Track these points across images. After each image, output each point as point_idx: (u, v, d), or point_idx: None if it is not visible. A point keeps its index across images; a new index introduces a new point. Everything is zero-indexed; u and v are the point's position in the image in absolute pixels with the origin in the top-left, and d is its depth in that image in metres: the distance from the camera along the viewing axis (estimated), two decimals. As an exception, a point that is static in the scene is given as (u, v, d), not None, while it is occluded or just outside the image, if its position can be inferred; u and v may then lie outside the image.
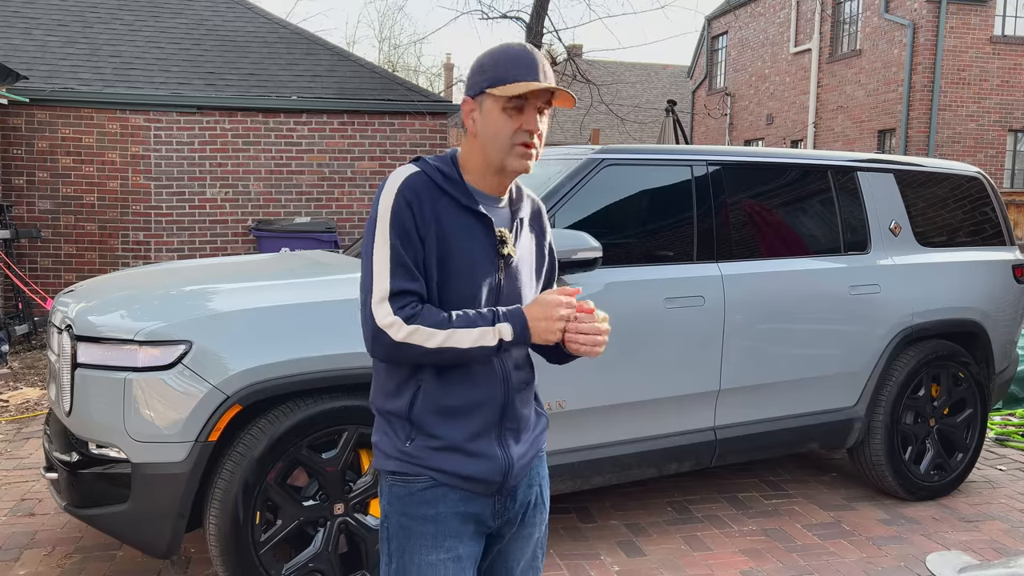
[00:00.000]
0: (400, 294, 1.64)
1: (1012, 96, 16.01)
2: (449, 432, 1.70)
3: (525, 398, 1.81)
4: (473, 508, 1.74)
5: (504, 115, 1.65)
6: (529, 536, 1.87)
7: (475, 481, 1.71)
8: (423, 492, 1.71)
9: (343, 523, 3.06)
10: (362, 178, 9.88)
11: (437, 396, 1.69)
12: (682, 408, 3.68)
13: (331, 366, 2.96)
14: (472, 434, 1.71)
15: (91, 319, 2.99)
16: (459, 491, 1.72)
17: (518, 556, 1.86)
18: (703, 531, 3.94)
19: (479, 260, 1.70)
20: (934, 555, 3.69)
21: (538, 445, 1.86)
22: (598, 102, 12.45)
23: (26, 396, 6.27)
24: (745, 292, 3.77)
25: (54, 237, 9.11)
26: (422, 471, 1.71)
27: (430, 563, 1.70)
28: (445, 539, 1.71)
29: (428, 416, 1.70)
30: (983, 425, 4.53)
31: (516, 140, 1.66)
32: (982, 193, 4.75)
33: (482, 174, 1.73)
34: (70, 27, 10.31)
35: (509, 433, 1.76)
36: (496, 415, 1.73)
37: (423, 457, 1.70)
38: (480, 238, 1.70)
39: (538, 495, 1.88)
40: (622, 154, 3.67)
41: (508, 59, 1.66)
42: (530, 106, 1.66)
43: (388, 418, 1.75)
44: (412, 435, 1.71)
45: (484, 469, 1.71)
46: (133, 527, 2.89)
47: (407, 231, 1.65)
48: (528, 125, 1.65)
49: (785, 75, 20.20)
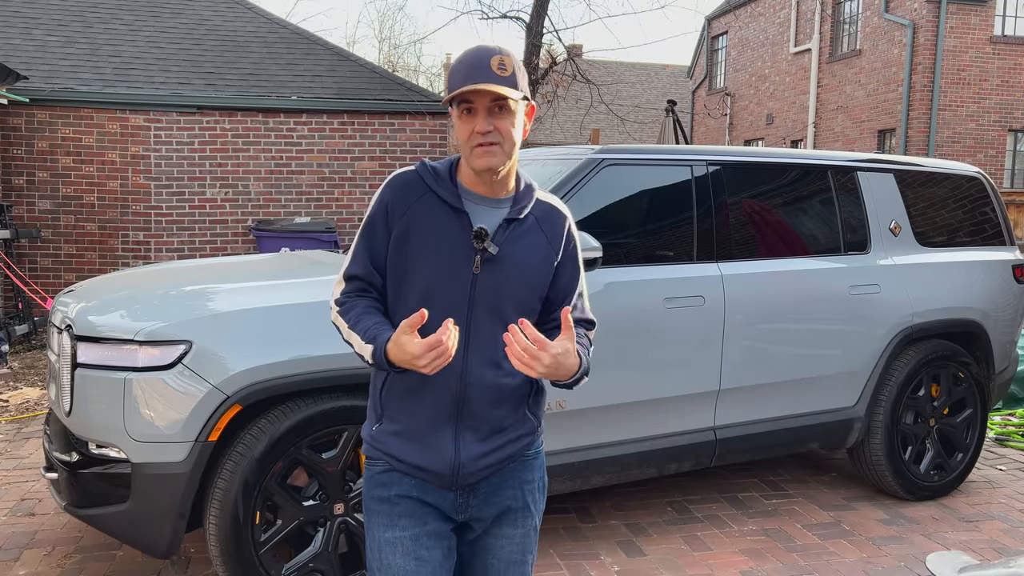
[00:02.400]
0: (349, 279, 1.82)
1: (1012, 96, 16.01)
2: (404, 418, 1.80)
3: (495, 399, 1.79)
4: (429, 497, 1.81)
5: (460, 121, 1.72)
6: (510, 537, 1.89)
7: (423, 470, 1.79)
8: (380, 475, 1.83)
9: (343, 523, 3.06)
10: (362, 178, 9.88)
11: (398, 385, 1.80)
12: (682, 408, 3.68)
13: (331, 366, 2.96)
14: (425, 423, 1.78)
15: (91, 319, 2.99)
16: (412, 478, 1.80)
17: (499, 554, 1.89)
18: (703, 531, 3.94)
19: (450, 253, 1.75)
20: (934, 555, 3.69)
21: (513, 450, 1.84)
22: (598, 102, 12.46)
23: (26, 396, 6.27)
24: (745, 292, 3.77)
25: (54, 237, 9.11)
26: (381, 455, 1.83)
27: (387, 540, 1.80)
28: (399, 518, 1.80)
29: (393, 401, 1.81)
30: (983, 425, 4.53)
31: (472, 142, 1.71)
32: (982, 193, 4.75)
33: (471, 176, 1.79)
34: (70, 27, 10.30)
35: (467, 430, 1.79)
36: (450, 408, 1.77)
37: (382, 442, 1.83)
38: (455, 232, 1.76)
39: (519, 499, 1.88)
40: (622, 154, 3.67)
41: (457, 66, 1.72)
42: (479, 107, 1.69)
43: (370, 402, 1.89)
44: (379, 420, 1.85)
45: (431, 460, 1.78)
46: (133, 527, 2.89)
47: (374, 222, 1.80)
48: (477, 127, 1.69)
49: (785, 75, 20.20)
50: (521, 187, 1.82)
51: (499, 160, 1.71)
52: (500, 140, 1.70)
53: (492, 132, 1.69)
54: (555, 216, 1.86)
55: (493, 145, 1.70)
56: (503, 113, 1.70)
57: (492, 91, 1.66)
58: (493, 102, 1.69)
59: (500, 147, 1.70)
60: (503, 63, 1.69)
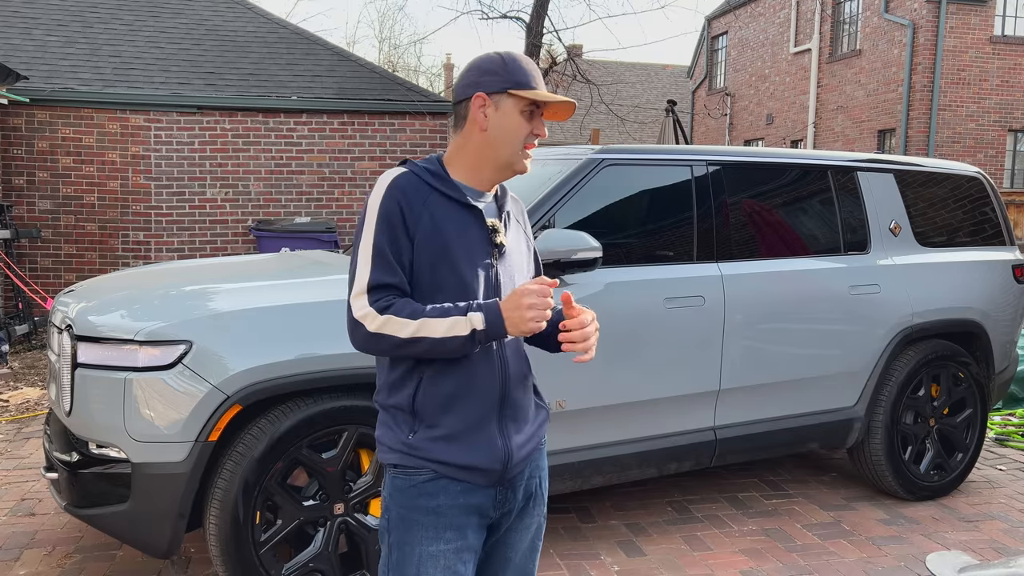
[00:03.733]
0: (378, 288, 1.69)
1: (1012, 96, 16.01)
2: (450, 421, 1.73)
3: (524, 388, 1.84)
4: (474, 499, 1.77)
5: (522, 117, 1.76)
6: (527, 527, 1.91)
7: (475, 471, 1.74)
8: (424, 484, 1.74)
9: (343, 523, 3.06)
10: (362, 178, 9.88)
11: (437, 386, 1.73)
12: (682, 408, 3.68)
13: (331, 366, 2.96)
14: (472, 422, 1.74)
15: (91, 319, 3.00)
16: (460, 483, 1.75)
17: (516, 546, 1.90)
18: (703, 531, 3.94)
19: (475, 249, 1.76)
20: (934, 555, 3.69)
21: (539, 436, 1.89)
22: (598, 102, 12.46)
23: (26, 396, 6.27)
24: (745, 292, 3.77)
25: (54, 237, 9.11)
26: (424, 463, 1.74)
27: (430, 554, 1.73)
28: (445, 531, 1.74)
29: (429, 406, 1.74)
30: (983, 425, 4.53)
31: (527, 143, 1.78)
32: (982, 193, 4.75)
33: (477, 170, 1.80)
34: (70, 27, 10.31)
35: (509, 422, 1.79)
36: (495, 403, 1.77)
37: (425, 449, 1.74)
38: (473, 229, 1.76)
39: (537, 487, 1.91)
40: (622, 154, 3.67)
41: (527, 67, 1.78)
42: (540, 114, 1.79)
43: (391, 412, 1.78)
44: (415, 427, 1.75)
45: (484, 458, 1.75)
46: (133, 527, 2.89)
47: (393, 227, 1.70)
48: (539, 131, 1.78)
49: (785, 75, 20.20)
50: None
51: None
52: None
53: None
54: (519, 205, 1.98)
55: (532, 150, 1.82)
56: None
57: (572, 108, 1.78)
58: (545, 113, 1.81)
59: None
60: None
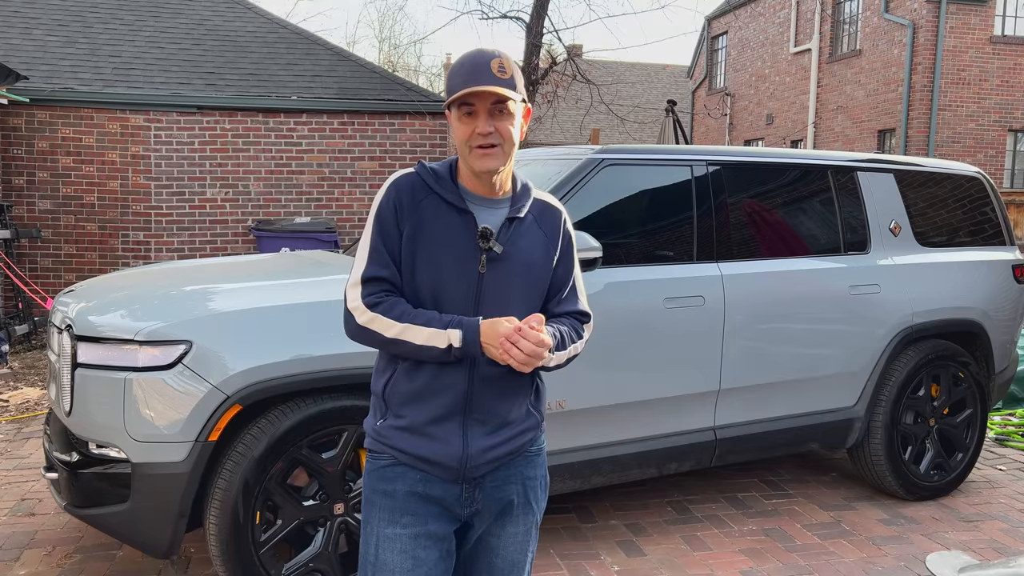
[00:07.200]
0: (371, 280, 1.78)
1: (1012, 96, 16.00)
2: (412, 413, 1.80)
3: (501, 393, 1.83)
4: (434, 491, 1.81)
5: (460, 123, 1.75)
6: (513, 535, 1.91)
7: (431, 463, 1.80)
8: (385, 469, 1.83)
9: (343, 523, 3.06)
10: (362, 178, 9.88)
11: (408, 379, 1.80)
12: (682, 408, 3.68)
13: (331, 366, 2.96)
14: (433, 417, 1.79)
15: (91, 319, 3.00)
16: (419, 472, 1.81)
17: (501, 553, 1.91)
18: (703, 531, 3.94)
19: (457, 252, 1.77)
20: (934, 555, 3.69)
21: (517, 443, 1.87)
22: (598, 102, 12.46)
23: (26, 396, 6.27)
24: (745, 292, 3.77)
25: (54, 237, 9.11)
26: (386, 449, 1.83)
27: (387, 536, 1.80)
28: (402, 515, 1.80)
29: (397, 397, 1.82)
30: (983, 425, 4.53)
31: (472, 143, 1.74)
32: (982, 193, 4.75)
33: (469, 177, 1.81)
34: (70, 27, 10.30)
35: (475, 424, 1.81)
36: (459, 403, 1.79)
37: (388, 436, 1.82)
38: (461, 232, 1.78)
39: (521, 495, 1.90)
40: (622, 154, 3.67)
41: (456, 69, 1.75)
42: (480, 109, 1.73)
43: (373, 398, 1.88)
44: (384, 414, 1.84)
45: (440, 452, 1.79)
46: (133, 527, 2.89)
47: (387, 222, 1.79)
48: (479, 128, 1.73)
49: (785, 75, 20.20)
50: (518, 187, 1.87)
51: (499, 162, 1.76)
52: (500, 142, 1.75)
53: (493, 134, 1.73)
54: (552, 213, 1.91)
55: (494, 147, 1.74)
56: (503, 115, 1.75)
57: (494, 92, 1.71)
58: (494, 104, 1.73)
59: (500, 148, 1.75)
60: (503, 66, 1.73)
